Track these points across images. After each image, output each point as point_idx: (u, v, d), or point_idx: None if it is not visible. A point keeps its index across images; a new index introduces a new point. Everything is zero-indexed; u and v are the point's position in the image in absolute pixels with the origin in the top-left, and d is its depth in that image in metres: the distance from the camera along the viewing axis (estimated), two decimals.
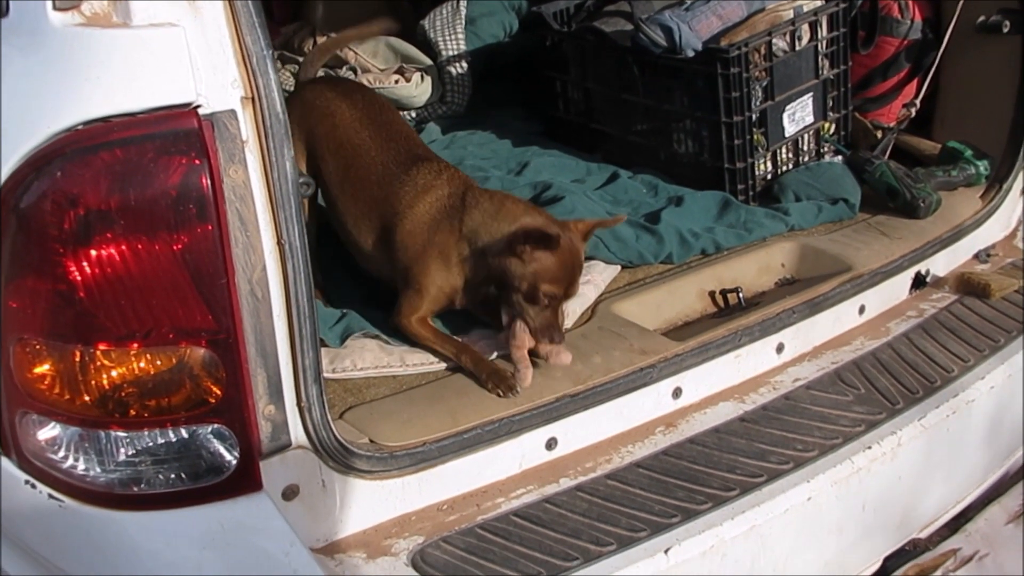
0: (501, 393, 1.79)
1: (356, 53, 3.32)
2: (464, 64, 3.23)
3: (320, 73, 3.32)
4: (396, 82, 3.19)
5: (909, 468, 1.93)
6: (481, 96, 3.25)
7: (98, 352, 1.34)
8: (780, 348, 2.08)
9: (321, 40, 3.40)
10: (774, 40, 2.47)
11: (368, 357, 1.89)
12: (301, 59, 3.29)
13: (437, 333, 1.95)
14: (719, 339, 1.99)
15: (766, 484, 1.76)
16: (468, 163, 2.70)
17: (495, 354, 1.91)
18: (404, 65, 3.25)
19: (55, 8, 1.31)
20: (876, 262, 2.26)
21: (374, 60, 3.31)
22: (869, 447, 1.87)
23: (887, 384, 2.05)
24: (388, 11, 3.99)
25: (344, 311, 2.05)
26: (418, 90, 3.18)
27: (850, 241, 2.37)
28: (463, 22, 3.29)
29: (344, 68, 3.30)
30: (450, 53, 3.24)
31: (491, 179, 2.57)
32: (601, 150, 2.82)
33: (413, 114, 3.21)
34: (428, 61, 3.26)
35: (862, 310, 2.23)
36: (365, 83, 3.20)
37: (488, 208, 1.94)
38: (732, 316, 2.11)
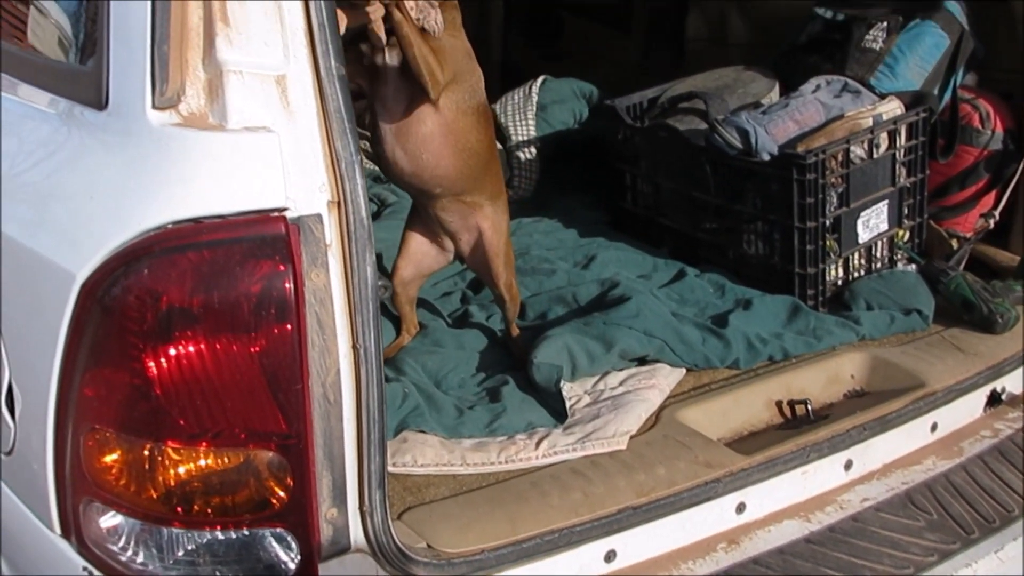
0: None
1: None
2: (533, 150, 3.26)
3: None
4: None
5: None
6: (548, 181, 3.26)
7: (168, 448, 1.33)
8: (848, 465, 2.02)
9: None
10: (852, 147, 2.45)
11: (429, 453, 1.87)
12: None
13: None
14: (787, 454, 1.93)
15: None
16: (534, 252, 2.70)
17: None
18: None
19: (154, 107, 1.34)
20: (950, 378, 2.19)
21: None
22: None
23: (961, 510, 1.97)
24: None
25: (406, 388, 2.03)
26: None
27: (923, 355, 2.30)
28: (534, 108, 3.33)
29: None
30: (520, 138, 3.27)
31: (558, 272, 2.57)
32: (668, 245, 2.80)
33: None
34: (497, 145, 3.29)
35: (934, 428, 2.16)
36: None
37: None
38: (800, 429, 2.06)
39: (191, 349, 1.30)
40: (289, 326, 1.33)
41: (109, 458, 1.36)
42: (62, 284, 1.35)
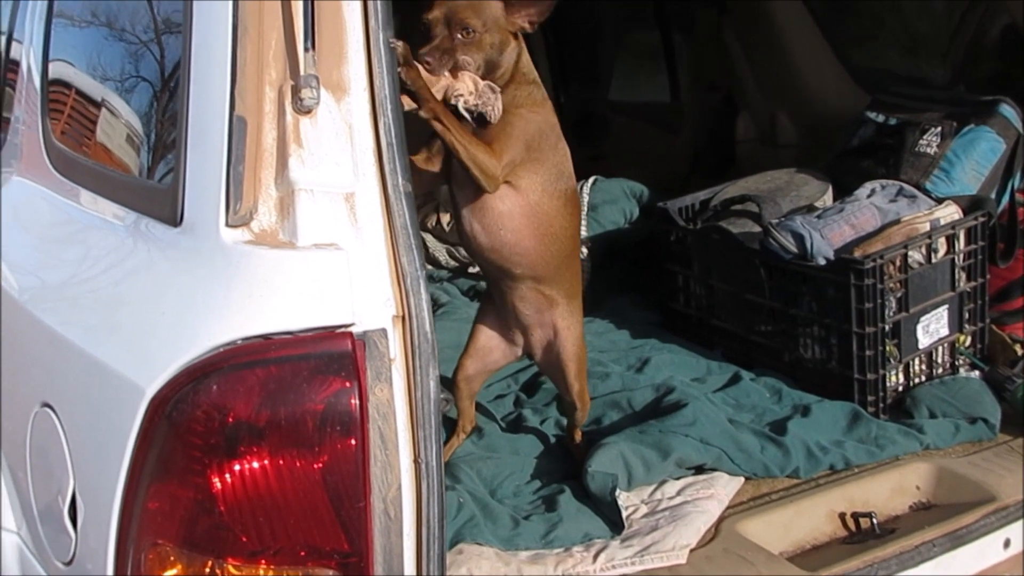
0: None
1: None
2: (584, 249, 3.26)
3: (438, 248, 3.42)
4: None
5: None
6: (599, 281, 3.27)
7: (229, 565, 1.32)
8: None
9: (445, 217, 3.51)
10: (910, 252, 2.42)
11: (485, 566, 1.83)
12: (426, 235, 3.39)
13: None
14: (853, 571, 1.87)
15: None
16: (588, 354, 2.68)
17: None
18: None
19: (227, 224, 1.36)
20: (1021, 492, 2.12)
21: None
22: None
23: None
24: None
25: (461, 499, 2.01)
26: None
27: (991, 466, 2.23)
28: (585, 208, 3.36)
29: None
30: None
31: (612, 375, 2.55)
32: (721, 347, 2.78)
33: None
34: None
35: (1007, 544, 2.08)
36: None
37: None
38: (866, 544, 1.99)
39: (255, 465, 1.30)
40: (353, 441, 1.33)
41: (169, 573, 1.35)
42: (131, 397, 1.36)
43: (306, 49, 1.36)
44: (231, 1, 1.38)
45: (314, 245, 1.35)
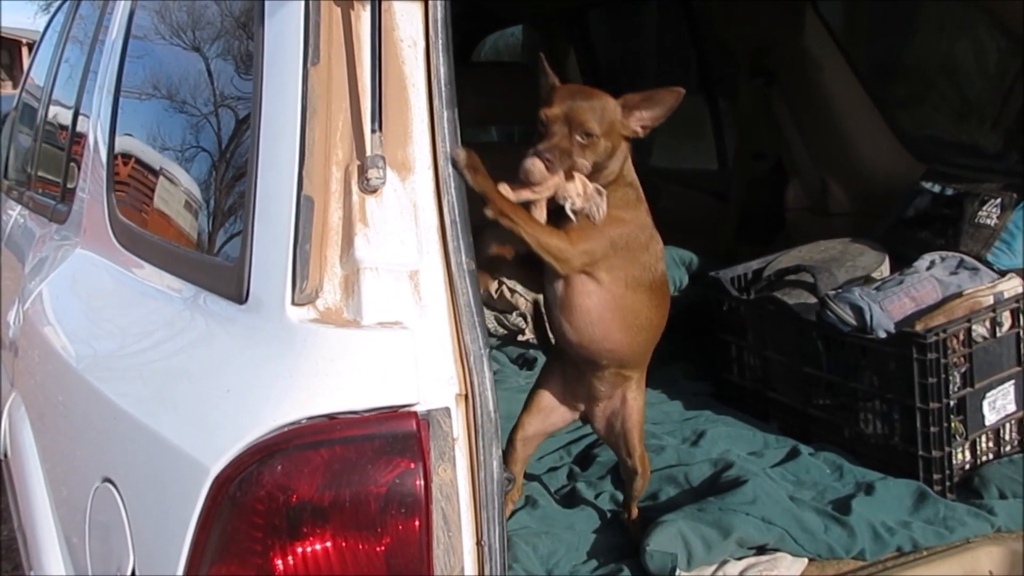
0: None
1: (527, 299, 3.40)
2: None
3: (487, 317, 3.41)
4: None
5: None
6: None
7: None
8: None
9: (492, 284, 3.52)
10: (973, 326, 2.37)
11: None
12: None
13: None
14: None
15: None
16: None
17: None
18: None
19: (293, 303, 1.37)
20: None
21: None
22: None
23: None
24: None
25: None
26: None
27: None
28: None
29: (515, 314, 3.39)
30: None
31: (667, 448, 2.50)
32: (777, 420, 2.72)
33: None
34: None
35: None
36: (521, 323, 3.25)
37: None
38: None
39: (318, 547, 1.28)
40: (416, 523, 1.31)
41: None
42: (195, 476, 1.35)
43: (373, 131, 1.38)
44: (301, 83, 1.40)
45: (379, 324, 1.35)
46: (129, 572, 1.53)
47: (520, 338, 3.27)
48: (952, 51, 3.60)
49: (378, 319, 1.35)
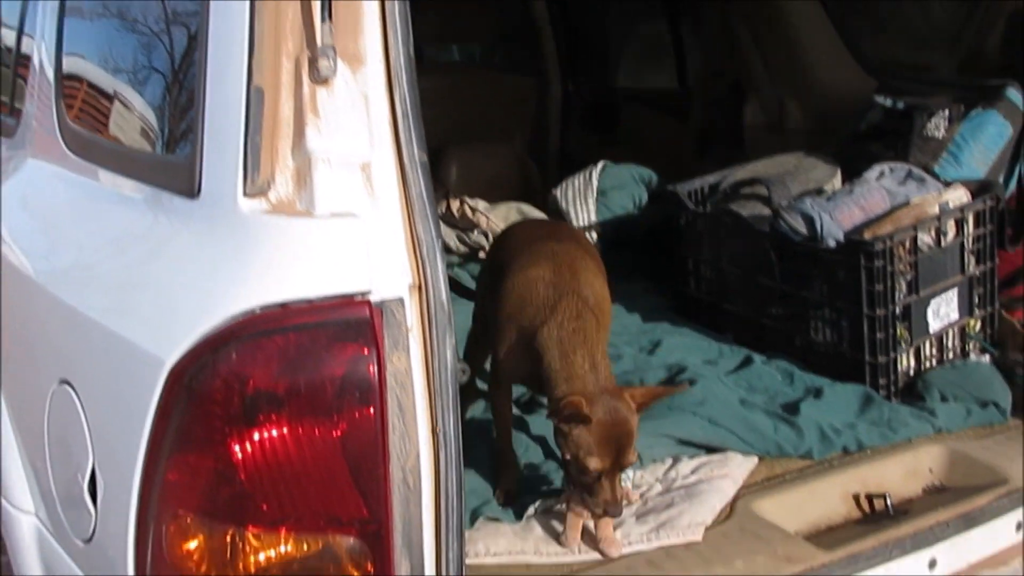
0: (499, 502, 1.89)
1: (488, 218, 3.42)
2: (594, 234, 3.29)
3: (449, 234, 3.43)
4: None
5: None
6: (609, 266, 3.26)
7: (249, 534, 1.32)
8: (932, 564, 1.94)
9: (454, 203, 3.52)
10: (919, 235, 2.42)
11: (502, 543, 1.83)
12: None
13: (505, 428, 2.06)
14: (869, 550, 1.87)
15: None
16: None
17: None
18: None
19: (245, 195, 1.37)
20: None
21: (504, 224, 3.39)
22: None
23: None
24: (518, 176, 4.15)
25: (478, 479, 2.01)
26: None
27: (1004, 450, 2.23)
28: (595, 193, 3.37)
29: (476, 232, 3.39)
30: (581, 223, 3.30)
31: (624, 357, 2.55)
32: (732, 331, 2.78)
33: None
34: None
35: (1019, 527, 2.07)
36: (482, 240, 3.27)
37: (574, 338, 1.93)
38: (880, 525, 1.99)
39: (275, 433, 1.30)
40: (372, 410, 1.33)
41: (191, 544, 1.35)
42: (150, 369, 1.36)
43: (323, 20, 1.37)
44: None
45: (331, 214, 1.35)
46: (89, 472, 1.54)
47: (481, 255, 3.29)
48: None
49: (330, 210, 1.36)
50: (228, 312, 1.31)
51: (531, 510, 1.95)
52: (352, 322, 1.32)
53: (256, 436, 1.30)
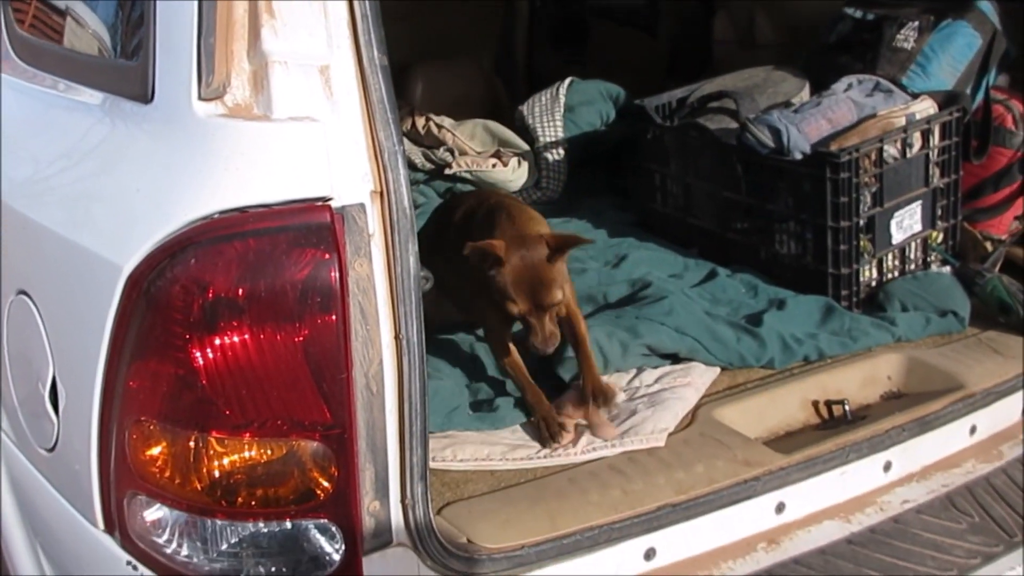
0: (545, 440, 1.90)
1: (454, 135, 3.38)
2: (561, 151, 3.26)
3: (414, 151, 3.39)
4: (493, 166, 3.22)
5: None
6: (576, 183, 3.26)
7: (212, 439, 1.33)
8: (888, 467, 1.99)
9: (420, 120, 3.47)
10: (885, 146, 2.43)
11: (468, 449, 1.86)
12: None
13: (516, 366, 2.06)
14: (825, 454, 1.91)
15: None
16: None
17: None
18: (501, 149, 3.29)
19: (200, 98, 1.34)
20: (988, 381, 2.16)
21: (471, 143, 3.36)
22: None
23: (1003, 513, 1.94)
24: (485, 93, 4.09)
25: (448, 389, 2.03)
26: (514, 175, 3.21)
27: (960, 357, 2.28)
28: (562, 109, 3.33)
29: (442, 149, 3.35)
30: (547, 139, 3.27)
31: (588, 271, 2.55)
32: (698, 245, 2.79)
33: None
34: (525, 146, 3.29)
35: (973, 431, 2.13)
36: (463, 165, 3.24)
37: (501, 212, 2.07)
38: (838, 429, 2.03)
39: (236, 339, 1.30)
40: (333, 316, 1.33)
41: (154, 450, 1.36)
42: (108, 277, 1.35)
43: None
44: None
45: (289, 118, 1.33)
46: (49, 381, 1.54)
47: (447, 172, 3.26)
48: None
49: (289, 114, 1.33)
50: (185, 217, 1.30)
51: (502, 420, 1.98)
52: (312, 227, 1.31)
53: (217, 342, 1.30)
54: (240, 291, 1.29)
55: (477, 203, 2.24)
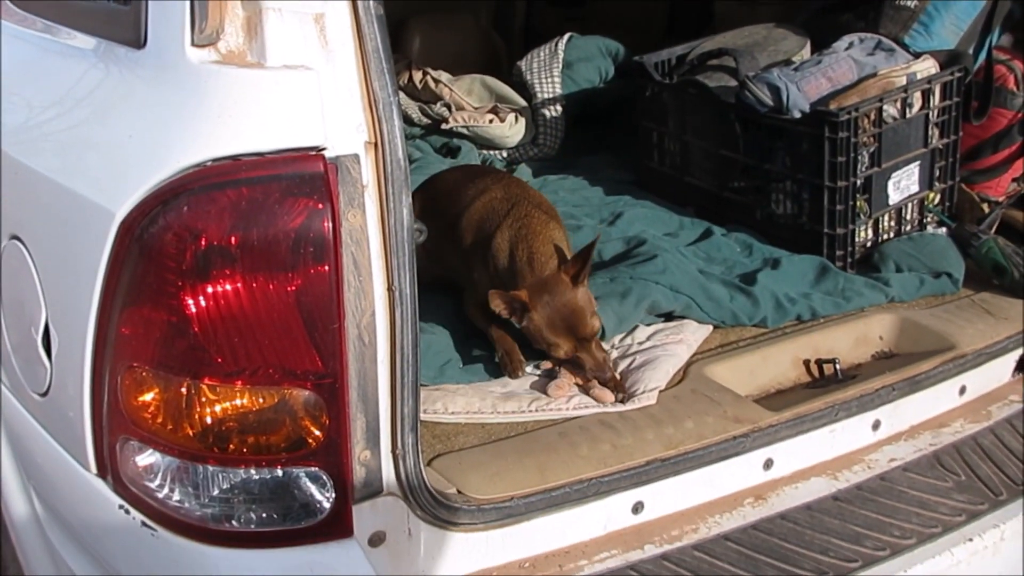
0: (507, 374, 1.98)
1: (451, 90, 3.35)
2: (558, 107, 3.24)
3: (411, 105, 3.37)
4: (490, 121, 3.20)
5: (1010, 565, 1.84)
6: (573, 139, 3.24)
7: (204, 386, 1.34)
8: (876, 425, 2.01)
9: (416, 74, 3.45)
10: (885, 106, 2.41)
11: (460, 402, 1.87)
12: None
13: (490, 321, 2.05)
14: (815, 412, 1.92)
15: (861, 570, 1.69)
16: (560, 209, 2.67)
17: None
18: (499, 105, 3.27)
19: (193, 44, 1.33)
20: (980, 342, 2.18)
21: (469, 98, 3.33)
22: (970, 539, 1.78)
23: (989, 472, 1.96)
24: (482, 48, 4.05)
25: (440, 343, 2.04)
26: (511, 131, 3.19)
27: (953, 318, 2.29)
28: (560, 65, 3.30)
29: (439, 104, 3.33)
30: (545, 96, 3.25)
31: (584, 228, 2.55)
32: (694, 204, 2.78)
33: (504, 154, 3.22)
34: (523, 102, 3.27)
35: (963, 391, 2.15)
36: (459, 120, 3.22)
37: (520, 234, 2.11)
38: (828, 388, 2.05)
39: (228, 287, 1.30)
40: (326, 266, 1.33)
41: (146, 396, 1.37)
42: (101, 223, 1.35)
43: None
44: None
45: (283, 66, 1.32)
46: (43, 326, 1.54)
47: (444, 127, 3.24)
48: None
49: (283, 61, 1.32)
50: (178, 164, 1.30)
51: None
52: (306, 176, 1.30)
53: (209, 289, 1.30)
54: (233, 239, 1.29)
55: (487, 195, 2.25)
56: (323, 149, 1.32)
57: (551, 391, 1.93)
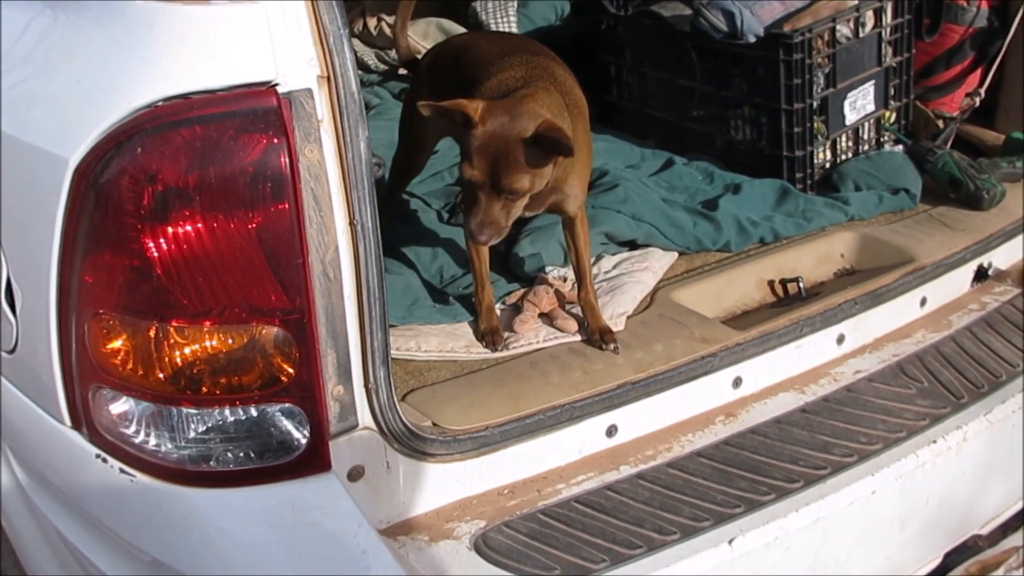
0: (488, 348, 1.88)
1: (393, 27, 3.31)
2: None
3: (367, 52, 3.32)
4: None
5: (974, 463, 1.90)
6: None
7: (172, 329, 1.34)
8: (841, 339, 2.05)
9: (371, 21, 3.40)
10: (838, 26, 2.42)
11: (433, 341, 1.88)
12: (353, 40, 3.28)
13: (480, 259, 1.92)
14: (780, 329, 1.96)
15: (830, 476, 1.74)
16: None
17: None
18: None
19: None
20: (938, 254, 2.22)
21: (424, 42, 3.30)
22: (934, 441, 1.83)
23: (951, 378, 2.01)
24: None
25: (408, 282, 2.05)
26: None
27: (911, 232, 2.33)
28: (515, 4, 3.27)
29: (395, 50, 3.29)
30: None
31: None
32: (655, 136, 2.79)
33: None
34: None
35: (923, 302, 2.20)
36: None
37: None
38: (792, 306, 2.08)
39: (189, 227, 1.30)
40: (286, 203, 1.33)
41: (115, 343, 1.37)
42: (55, 171, 1.33)
43: None
44: None
45: (230, 0, 1.30)
46: (4, 282, 1.53)
47: (401, 72, 3.21)
48: None
49: None
50: (129, 106, 1.29)
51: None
52: (259, 112, 1.29)
53: (169, 231, 1.29)
54: (190, 179, 1.28)
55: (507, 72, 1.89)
56: (275, 84, 1.31)
57: (516, 326, 1.93)
